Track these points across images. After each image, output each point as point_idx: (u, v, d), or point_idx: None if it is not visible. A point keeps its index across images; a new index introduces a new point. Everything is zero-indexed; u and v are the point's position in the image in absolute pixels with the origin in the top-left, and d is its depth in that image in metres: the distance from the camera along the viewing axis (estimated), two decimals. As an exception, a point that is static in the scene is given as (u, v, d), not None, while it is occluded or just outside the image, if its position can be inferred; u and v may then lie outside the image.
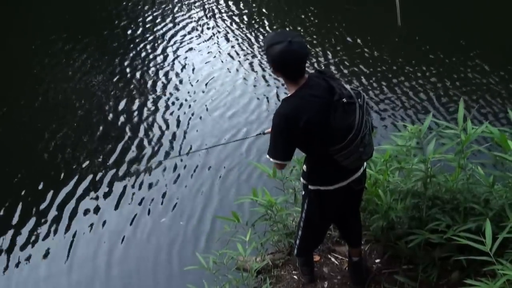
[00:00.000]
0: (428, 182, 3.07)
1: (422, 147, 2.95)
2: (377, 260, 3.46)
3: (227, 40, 9.02)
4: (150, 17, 10.22)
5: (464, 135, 2.81)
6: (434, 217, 3.00)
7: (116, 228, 5.15)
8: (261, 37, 8.92)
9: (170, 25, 9.77)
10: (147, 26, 9.84)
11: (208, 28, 9.56)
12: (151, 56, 8.67)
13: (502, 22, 8.60)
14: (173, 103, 7.19)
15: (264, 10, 10.15)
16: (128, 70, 8.29)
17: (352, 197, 2.84)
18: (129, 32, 9.71)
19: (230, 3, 10.58)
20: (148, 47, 9.00)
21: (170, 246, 4.86)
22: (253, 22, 9.70)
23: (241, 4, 10.48)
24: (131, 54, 8.80)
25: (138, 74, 8.13)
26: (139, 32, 9.64)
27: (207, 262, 3.29)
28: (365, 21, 9.22)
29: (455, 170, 3.02)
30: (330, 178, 2.66)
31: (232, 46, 8.72)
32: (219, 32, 9.37)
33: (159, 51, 8.83)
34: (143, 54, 8.78)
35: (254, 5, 10.40)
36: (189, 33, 9.40)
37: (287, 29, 9.08)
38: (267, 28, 9.39)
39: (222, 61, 8.28)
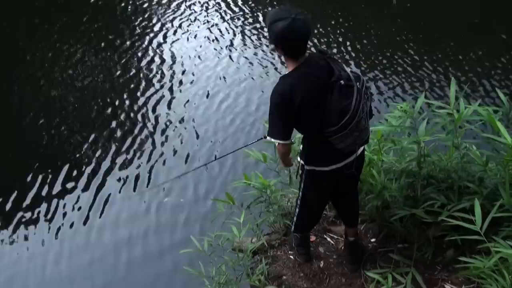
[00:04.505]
0: (422, 162, 3.07)
1: (415, 127, 2.95)
2: (373, 240, 3.48)
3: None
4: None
5: (457, 114, 2.80)
6: (429, 196, 3.01)
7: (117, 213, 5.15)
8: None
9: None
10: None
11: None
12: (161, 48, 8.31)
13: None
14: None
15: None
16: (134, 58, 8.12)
17: (347, 178, 2.81)
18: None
19: None
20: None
21: (167, 229, 4.87)
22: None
23: None
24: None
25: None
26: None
27: (202, 245, 3.30)
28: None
29: (449, 149, 3.03)
30: (325, 159, 2.65)
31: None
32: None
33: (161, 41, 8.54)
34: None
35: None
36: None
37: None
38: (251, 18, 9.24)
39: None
